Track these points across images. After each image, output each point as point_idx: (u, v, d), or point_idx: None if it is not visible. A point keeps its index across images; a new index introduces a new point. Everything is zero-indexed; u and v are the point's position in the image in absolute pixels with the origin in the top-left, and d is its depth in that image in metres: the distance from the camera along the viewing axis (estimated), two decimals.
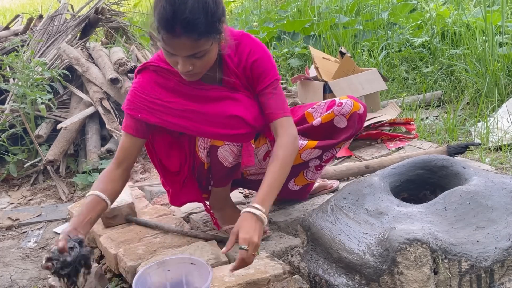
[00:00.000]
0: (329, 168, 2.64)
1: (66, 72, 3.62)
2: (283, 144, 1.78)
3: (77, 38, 4.59)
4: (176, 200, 2.11)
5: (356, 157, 2.94)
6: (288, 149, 1.78)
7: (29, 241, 2.56)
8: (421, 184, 1.94)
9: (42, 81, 3.52)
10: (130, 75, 3.78)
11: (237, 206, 2.24)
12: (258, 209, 1.63)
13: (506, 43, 3.72)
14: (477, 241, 1.55)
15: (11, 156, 3.34)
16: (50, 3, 5.69)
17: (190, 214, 2.32)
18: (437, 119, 3.51)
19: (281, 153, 1.76)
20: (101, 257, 2.21)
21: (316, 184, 2.39)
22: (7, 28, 5.14)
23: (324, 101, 2.15)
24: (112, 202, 1.80)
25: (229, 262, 1.87)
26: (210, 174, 2.04)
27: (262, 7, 6.60)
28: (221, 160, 1.94)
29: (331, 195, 2.22)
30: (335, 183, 2.47)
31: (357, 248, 1.63)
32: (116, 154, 1.86)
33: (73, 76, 3.84)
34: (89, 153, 3.25)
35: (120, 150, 1.86)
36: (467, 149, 2.68)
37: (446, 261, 1.52)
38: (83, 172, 3.17)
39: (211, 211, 2.13)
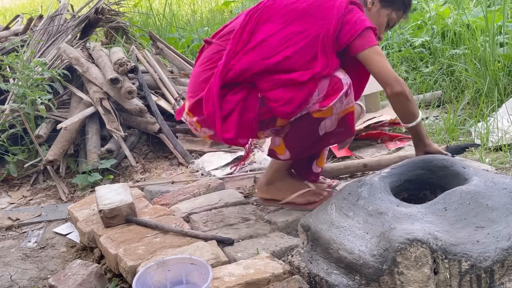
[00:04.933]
0: (328, 165, 2.65)
1: (66, 72, 3.62)
2: None
3: (77, 38, 4.58)
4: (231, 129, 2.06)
5: (356, 157, 2.94)
6: None
7: (29, 241, 2.56)
8: (421, 184, 1.94)
9: (42, 81, 3.51)
10: (130, 75, 3.78)
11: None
12: None
13: (507, 43, 3.72)
14: (477, 241, 1.55)
15: (11, 156, 3.34)
16: (50, 3, 5.68)
17: (190, 214, 2.32)
18: (437, 119, 3.51)
19: None
20: (101, 257, 2.21)
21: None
22: (7, 28, 5.14)
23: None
24: None
25: (229, 262, 1.87)
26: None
27: None
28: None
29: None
30: (334, 182, 2.47)
31: (357, 248, 1.63)
32: None
33: (73, 76, 3.83)
34: (89, 153, 3.25)
35: None
36: (466, 150, 2.68)
37: (446, 261, 1.52)
38: (83, 172, 3.16)
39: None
